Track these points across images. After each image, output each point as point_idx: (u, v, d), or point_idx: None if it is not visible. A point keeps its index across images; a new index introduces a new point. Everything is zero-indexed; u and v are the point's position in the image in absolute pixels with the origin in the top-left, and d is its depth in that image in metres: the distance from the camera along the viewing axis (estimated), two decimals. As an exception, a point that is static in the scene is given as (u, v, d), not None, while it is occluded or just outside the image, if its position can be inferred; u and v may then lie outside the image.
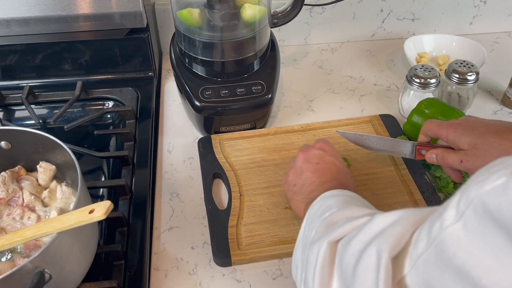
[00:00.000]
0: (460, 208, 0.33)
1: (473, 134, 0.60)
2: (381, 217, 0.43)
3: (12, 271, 0.48)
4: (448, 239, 0.33)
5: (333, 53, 1.10)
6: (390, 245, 0.39)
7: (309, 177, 0.64)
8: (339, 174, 0.65)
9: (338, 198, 0.56)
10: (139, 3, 0.90)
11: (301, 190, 0.64)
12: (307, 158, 0.67)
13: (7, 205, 0.66)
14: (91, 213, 0.50)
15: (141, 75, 1.00)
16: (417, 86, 0.85)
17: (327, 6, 1.04)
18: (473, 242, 0.31)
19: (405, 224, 0.40)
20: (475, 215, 0.31)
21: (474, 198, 0.31)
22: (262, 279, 0.66)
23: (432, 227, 0.35)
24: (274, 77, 0.84)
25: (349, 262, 0.42)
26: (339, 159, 0.68)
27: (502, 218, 0.29)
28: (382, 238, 0.40)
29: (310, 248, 0.49)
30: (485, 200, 0.30)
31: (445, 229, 0.33)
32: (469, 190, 0.32)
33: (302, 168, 0.66)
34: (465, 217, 0.32)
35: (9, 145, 0.67)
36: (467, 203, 0.32)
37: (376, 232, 0.41)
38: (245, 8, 0.78)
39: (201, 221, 0.73)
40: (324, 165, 0.65)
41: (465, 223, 0.32)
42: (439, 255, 0.34)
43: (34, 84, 0.95)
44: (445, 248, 0.33)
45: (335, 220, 0.50)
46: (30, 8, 0.89)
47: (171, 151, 0.85)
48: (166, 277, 0.67)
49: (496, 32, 1.15)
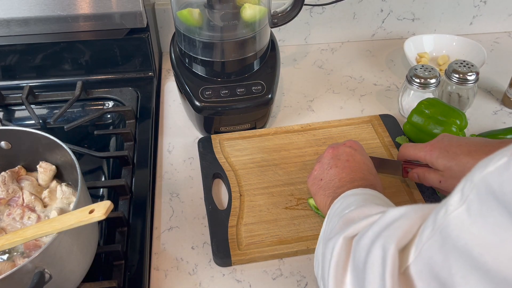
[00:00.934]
0: (464, 192, 0.33)
1: (447, 156, 0.65)
2: (391, 211, 0.43)
3: (12, 271, 0.48)
4: (452, 224, 0.33)
5: (333, 53, 1.10)
6: (397, 238, 0.40)
7: (338, 173, 0.64)
8: (370, 174, 0.64)
9: (359, 196, 0.56)
10: (139, 3, 0.90)
11: (329, 185, 0.63)
12: (337, 154, 0.66)
13: (7, 205, 0.66)
14: (91, 213, 0.50)
15: (141, 75, 1.00)
16: (417, 86, 0.85)
17: (327, 6, 1.04)
18: (475, 222, 0.32)
19: (413, 216, 0.41)
20: (479, 197, 0.32)
21: (478, 181, 0.32)
22: (262, 279, 0.66)
23: (437, 215, 0.36)
24: (274, 77, 0.84)
25: (360, 256, 0.43)
26: (369, 159, 0.68)
27: (503, 195, 0.29)
28: (390, 231, 0.41)
29: (327, 244, 0.49)
30: (488, 181, 0.31)
31: (450, 214, 0.34)
32: (473, 175, 0.33)
33: (331, 163, 0.65)
34: (468, 201, 0.32)
35: (9, 145, 0.67)
36: (471, 187, 0.33)
37: (385, 225, 0.42)
38: (245, 8, 0.78)
39: (201, 221, 0.73)
40: (354, 163, 0.65)
41: (468, 206, 0.32)
42: (443, 240, 0.34)
43: (34, 84, 0.95)
44: (449, 232, 0.33)
45: (352, 217, 0.50)
46: (30, 8, 0.89)
47: (171, 151, 0.85)
48: (166, 277, 0.67)
49: (496, 32, 1.15)
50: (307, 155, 0.81)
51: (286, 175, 0.77)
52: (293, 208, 0.73)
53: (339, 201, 0.57)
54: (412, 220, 0.40)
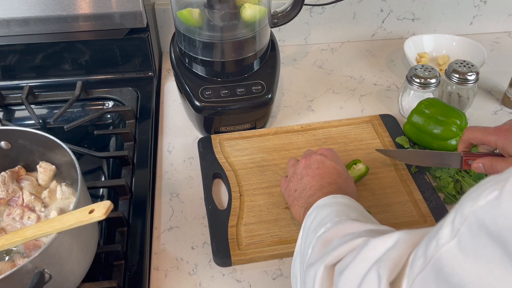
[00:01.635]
0: (455, 225, 0.33)
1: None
2: (377, 242, 0.42)
3: (12, 271, 0.48)
4: (445, 257, 0.33)
5: (333, 53, 1.10)
6: (388, 270, 0.39)
7: (309, 182, 0.64)
8: (339, 178, 0.64)
9: (331, 208, 0.55)
10: (139, 3, 0.90)
11: (301, 195, 0.64)
12: (309, 163, 0.67)
13: (7, 205, 0.66)
14: (91, 213, 0.50)
15: (141, 75, 1.00)
16: (417, 86, 0.85)
17: (327, 6, 1.04)
18: (468, 258, 0.31)
19: (402, 246, 0.40)
20: (470, 231, 0.31)
21: (469, 215, 0.31)
22: (262, 279, 0.66)
23: (428, 246, 0.35)
24: (274, 77, 0.84)
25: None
26: (340, 164, 0.68)
27: (496, 232, 0.29)
28: (380, 263, 0.40)
29: (307, 271, 0.49)
30: (480, 216, 0.30)
31: (441, 247, 0.33)
32: (463, 207, 0.32)
33: (303, 173, 0.66)
34: (460, 234, 0.32)
35: (9, 145, 0.67)
36: (462, 220, 0.32)
37: (374, 258, 0.41)
38: (245, 8, 0.78)
39: (201, 221, 0.73)
40: (324, 169, 0.65)
41: (459, 240, 0.32)
42: (436, 274, 0.34)
43: (34, 84, 0.95)
44: (442, 267, 0.33)
45: (330, 238, 0.50)
46: (30, 8, 0.89)
47: (171, 151, 0.85)
48: (166, 277, 0.67)
49: (496, 32, 1.15)
50: (307, 155, 0.81)
51: (286, 175, 0.77)
52: (293, 208, 0.73)
53: (312, 213, 0.56)
54: (402, 250, 0.40)
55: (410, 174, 0.77)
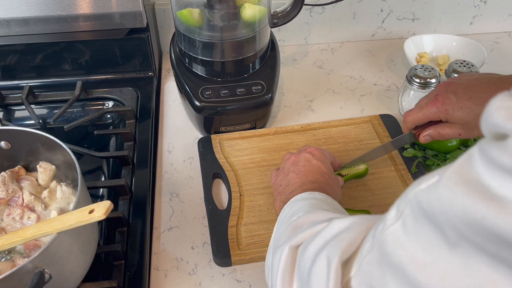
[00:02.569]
0: (400, 208, 0.34)
1: (463, 109, 0.61)
2: (337, 222, 0.44)
3: (12, 271, 0.48)
4: (389, 239, 0.34)
5: (333, 53, 1.10)
6: (340, 250, 0.40)
7: (293, 178, 0.65)
8: (321, 177, 0.65)
9: (306, 201, 0.56)
10: (139, 3, 0.90)
11: (284, 191, 0.65)
12: (296, 160, 0.68)
13: (7, 205, 0.66)
14: (91, 213, 0.50)
15: (141, 75, 1.00)
16: (417, 86, 0.85)
17: (327, 6, 1.04)
18: (409, 239, 0.32)
19: (357, 229, 0.41)
20: (412, 213, 0.32)
21: (411, 198, 0.32)
22: (262, 279, 0.66)
23: (377, 229, 0.36)
24: (274, 77, 0.84)
25: (305, 266, 0.43)
26: (326, 164, 0.68)
27: (432, 214, 0.30)
28: (334, 243, 0.41)
29: (274, 253, 0.50)
30: (420, 198, 0.31)
31: (387, 229, 0.34)
32: (408, 191, 0.33)
33: (290, 169, 0.67)
34: (404, 216, 0.33)
35: (9, 145, 0.67)
36: (405, 203, 0.33)
37: (330, 237, 0.42)
38: (245, 8, 0.78)
39: (201, 221, 0.73)
40: (309, 167, 0.66)
41: (403, 222, 0.33)
42: (381, 255, 0.34)
43: (34, 84, 0.95)
44: (385, 248, 0.34)
45: (299, 224, 0.51)
46: (30, 8, 0.89)
47: (171, 151, 0.85)
48: (166, 277, 0.67)
49: (496, 32, 1.15)
50: (307, 155, 0.81)
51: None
52: (293, 208, 0.73)
53: (288, 206, 0.58)
54: (356, 232, 0.41)
55: (410, 174, 0.77)
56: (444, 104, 0.63)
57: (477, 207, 0.26)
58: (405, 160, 0.80)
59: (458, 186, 0.28)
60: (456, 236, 0.28)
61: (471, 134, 0.62)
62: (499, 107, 0.26)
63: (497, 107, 0.26)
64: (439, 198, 0.29)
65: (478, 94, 0.60)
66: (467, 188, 0.27)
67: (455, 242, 0.28)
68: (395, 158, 0.80)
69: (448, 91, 0.63)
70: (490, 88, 0.60)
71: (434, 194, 0.30)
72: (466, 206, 0.27)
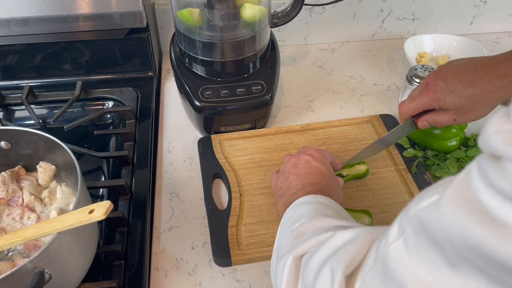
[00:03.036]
0: (402, 225, 0.34)
1: (454, 95, 0.63)
2: (341, 234, 0.43)
3: (12, 271, 0.48)
4: (391, 255, 0.34)
5: (333, 53, 1.10)
6: (344, 263, 0.40)
7: (294, 181, 0.65)
8: (322, 179, 0.65)
9: (309, 206, 0.56)
10: (139, 3, 0.90)
11: (286, 193, 0.65)
12: (296, 163, 0.68)
13: (7, 205, 0.66)
14: (91, 213, 0.50)
15: (141, 75, 1.00)
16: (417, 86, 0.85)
17: (327, 6, 1.04)
18: (411, 257, 0.32)
19: (361, 242, 0.41)
20: (413, 231, 0.32)
21: (413, 215, 0.32)
22: (262, 279, 0.66)
23: (380, 244, 0.36)
24: (274, 77, 0.84)
25: (309, 278, 0.43)
26: (326, 165, 0.68)
27: (434, 234, 0.30)
28: (338, 256, 0.41)
29: (278, 262, 0.50)
30: (420, 216, 0.31)
31: (389, 245, 0.34)
32: (409, 207, 0.33)
33: (290, 171, 0.67)
34: (405, 234, 0.33)
35: (9, 145, 0.67)
36: (407, 219, 0.33)
37: (334, 249, 0.42)
38: (245, 8, 0.78)
39: (201, 221, 0.73)
40: (310, 169, 0.66)
41: (405, 240, 0.33)
42: (383, 271, 0.34)
43: (34, 84, 0.95)
44: (388, 264, 0.34)
45: (303, 232, 0.50)
46: (30, 8, 0.89)
47: (171, 151, 0.85)
48: (166, 277, 0.67)
49: (496, 32, 1.15)
50: (307, 155, 0.81)
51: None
52: (293, 208, 0.73)
53: (291, 210, 0.57)
54: (360, 245, 0.40)
55: (410, 174, 0.77)
56: (435, 92, 0.64)
57: (478, 230, 0.26)
58: (405, 160, 0.80)
59: (459, 208, 0.27)
60: (456, 256, 0.28)
61: (466, 119, 0.64)
62: (498, 131, 0.26)
63: (496, 131, 0.26)
64: (440, 217, 0.29)
65: (467, 76, 0.61)
66: (467, 209, 0.27)
67: (456, 262, 0.28)
68: (395, 158, 0.80)
69: (438, 79, 0.64)
70: (477, 69, 0.61)
71: (435, 213, 0.30)
72: (467, 229, 0.27)
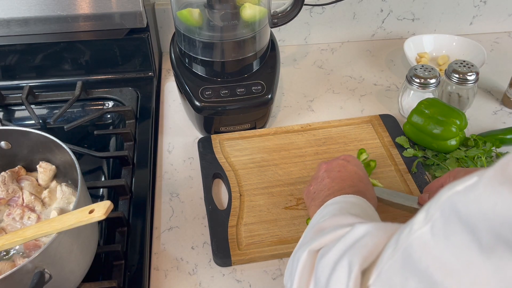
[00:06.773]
0: (429, 212, 0.32)
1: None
2: (359, 227, 0.42)
3: (12, 271, 0.48)
4: (416, 244, 0.32)
5: (333, 53, 1.10)
6: (362, 257, 0.39)
7: (328, 183, 0.64)
8: (360, 182, 0.64)
9: (337, 205, 0.56)
10: (139, 3, 0.90)
11: (319, 195, 0.64)
12: (330, 167, 0.67)
13: (7, 205, 0.66)
14: (91, 213, 0.50)
15: (141, 75, 1.00)
16: (417, 86, 0.85)
17: (327, 6, 1.04)
18: (438, 243, 0.31)
19: (379, 235, 0.40)
20: (443, 216, 0.31)
21: (445, 200, 0.31)
22: (262, 279, 0.66)
23: (401, 234, 0.35)
24: (274, 77, 0.84)
25: (323, 272, 0.42)
26: (362, 169, 0.67)
27: (467, 217, 0.29)
28: (355, 250, 0.40)
29: (294, 255, 0.49)
30: (454, 200, 0.30)
31: (413, 233, 0.33)
32: (441, 195, 0.32)
33: (324, 176, 0.66)
34: (433, 220, 0.32)
35: (9, 145, 0.67)
36: (437, 206, 0.32)
37: (351, 242, 0.41)
38: (245, 8, 0.78)
39: (201, 221, 0.73)
40: (345, 173, 0.65)
41: (432, 226, 0.32)
42: (404, 261, 0.33)
43: (34, 84, 0.95)
44: (411, 253, 0.33)
45: (323, 227, 0.50)
46: (30, 8, 0.89)
47: (171, 151, 0.85)
48: (166, 277, 0.67)
49: (496, 32, 1.15)
50: (307, 155, 0.81)
51: (286, 175, 0.78)
52: (293, 208, 0.73)
53: (321, 210, 0.57)
54: (378, 239, 0.40)
55: (410, 174, 0.77)
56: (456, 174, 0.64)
57: None
58: (405, 160, 0.80)
59: (502, 186, 0.27)
60: (492, 239, 0.27)
61: None
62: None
63: None
64: (479, 198, 0.28)
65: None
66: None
67: (490, 247, 0.27)
68: (395, 158, 0.80)
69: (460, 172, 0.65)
70: None
71: (472, 194, 0.29)
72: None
